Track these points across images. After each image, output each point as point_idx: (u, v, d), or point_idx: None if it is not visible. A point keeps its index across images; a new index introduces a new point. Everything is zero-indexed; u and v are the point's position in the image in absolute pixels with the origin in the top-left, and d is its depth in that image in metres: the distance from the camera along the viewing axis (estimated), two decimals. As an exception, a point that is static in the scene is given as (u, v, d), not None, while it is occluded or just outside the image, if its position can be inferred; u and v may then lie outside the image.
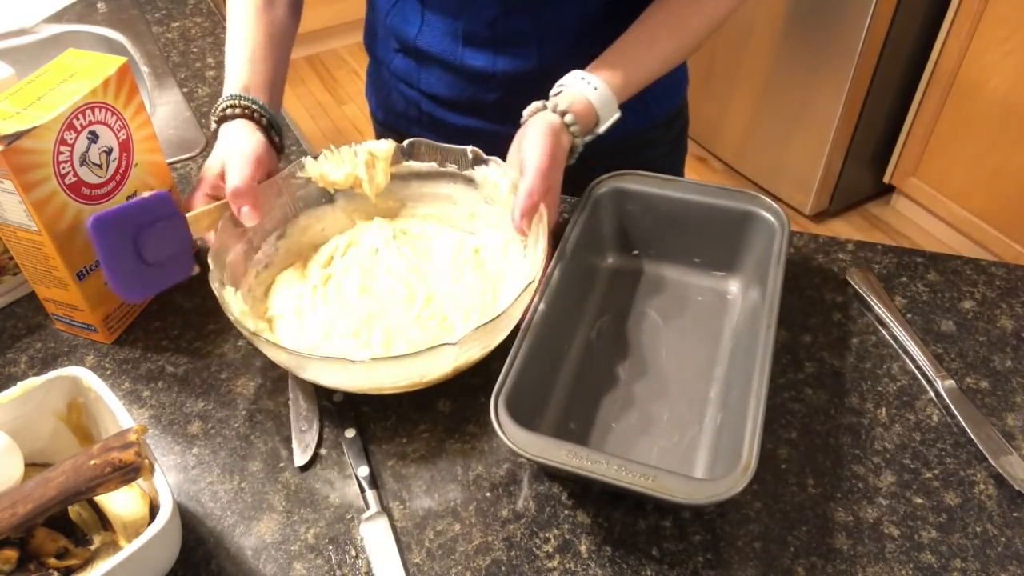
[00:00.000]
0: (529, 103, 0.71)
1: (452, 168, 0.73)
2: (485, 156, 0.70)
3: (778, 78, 2.04)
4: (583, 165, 0.72)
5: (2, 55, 1.05)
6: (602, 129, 0.71)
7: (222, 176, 0.67)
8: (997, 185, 1.85)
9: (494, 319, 0.57)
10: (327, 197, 0.74)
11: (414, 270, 0.69)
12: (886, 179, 2.11)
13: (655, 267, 0.74)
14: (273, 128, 0.72)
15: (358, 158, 0.71)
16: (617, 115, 0.71)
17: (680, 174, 0.99)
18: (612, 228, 0.73)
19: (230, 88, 0.73)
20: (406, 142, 0.72)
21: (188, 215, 0.65)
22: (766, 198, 0.70)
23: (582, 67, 0.71)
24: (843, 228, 2.17)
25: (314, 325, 0.65)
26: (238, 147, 0.68)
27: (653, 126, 0.89)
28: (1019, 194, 1.82)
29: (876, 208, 2.22)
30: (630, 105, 0.73)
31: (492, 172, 0.70)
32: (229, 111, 0.71)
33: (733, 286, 0.72)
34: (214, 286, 0.60)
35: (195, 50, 1.09)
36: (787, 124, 2.07)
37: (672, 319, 0.70)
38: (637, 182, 0.72)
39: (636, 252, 0.74)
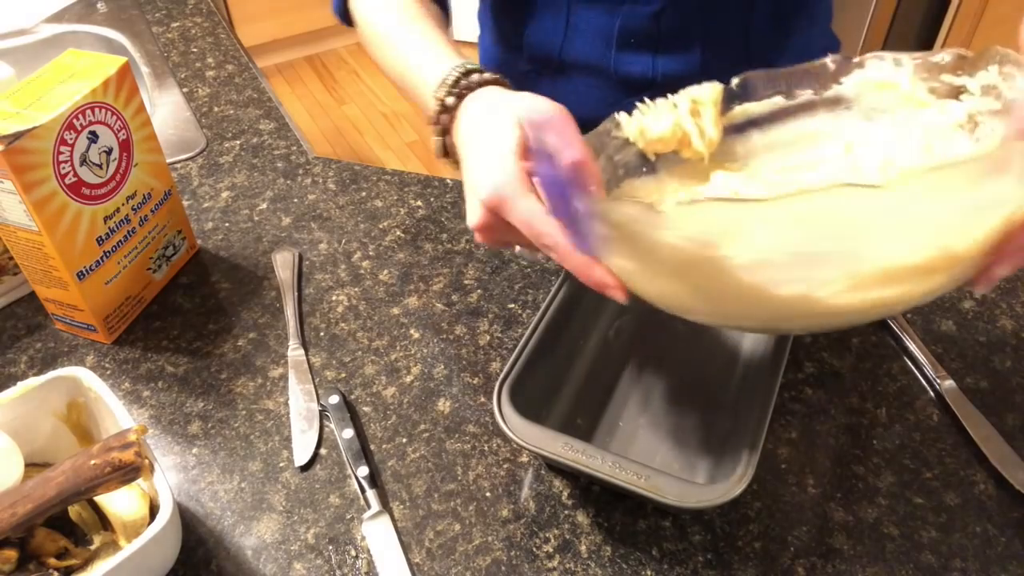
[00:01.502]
0: None
1: (807, 95, 0.57)
2: (856, 60, 0.55)
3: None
4: None
5: (2, 55, 1.05)
6: None
7: (524, 149, 0.51)
8: (997, 185, 1.85)
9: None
10: (648, 165, 0.58)
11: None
12: (886, 179, 2.11)
13: None
14: None
15: (679, 109, 0.56)
16: None
17: None
18: None
19: (447, 63, 0.58)
20: (735, 80, 0.57)
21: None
22: None
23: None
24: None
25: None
26: (535, 106, 0.52)
27: None
28: (1019, 194, 1.81)
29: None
30: None
31: (873, 72, 0.55)
32: (476, 77, 0.56)
33: None
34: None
35: (195, 50, 1.09)
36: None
37: (692, 324, 0.69)
38: None
39: None
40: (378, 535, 0.55)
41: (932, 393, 0.64)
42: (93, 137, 0.62)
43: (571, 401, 0.63)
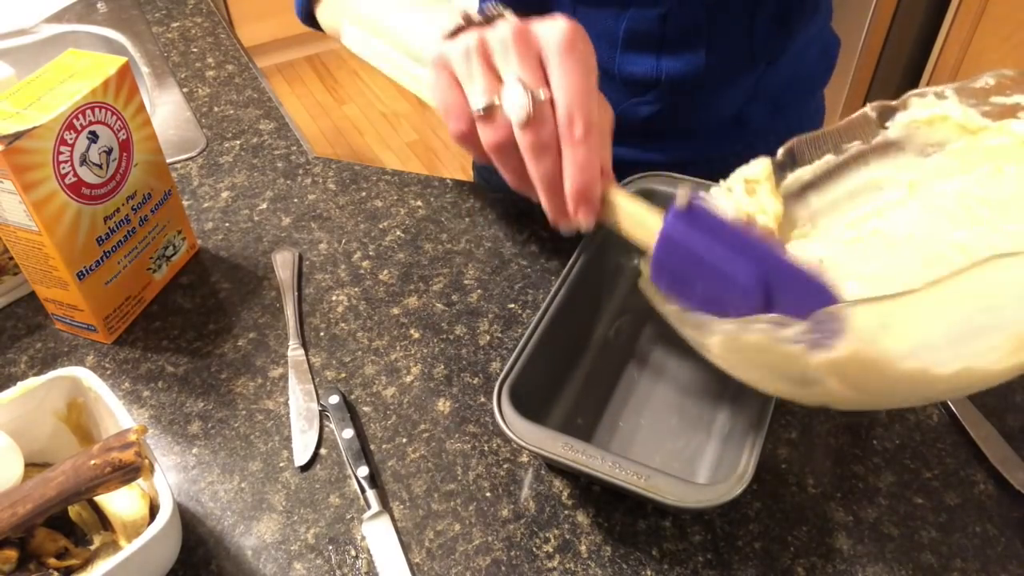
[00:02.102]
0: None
1: (855, 146, 0.56)
2: (896, 103, 0.54)
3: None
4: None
5: (2, 55, 1.05)
6: None
7: None
8: (997, 185, 1.85)
9: None
10: None
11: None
12: (886, 179, 2.11)
13: None
14: None
15: (735, 193, 0.56)
16: None
17: None
18: None
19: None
20: (780, 151, 0.56)
21: None
22: None
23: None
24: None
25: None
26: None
27: None
28: (1019, 194, 1.81)
29: (876, 208, 2.21)
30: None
31: (919, 111, 0.54)
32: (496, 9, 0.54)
33: None
34: None
35: (195, 50, 1.09)
36: (787, 124, 2.07)
37: None
38: (666, 184, 0.70)
39: None
40: (378, 535, 0.56)
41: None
42: (93, 137, 0.62)
43: (571, 401, 0.63)
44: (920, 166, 0.55)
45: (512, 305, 0.72)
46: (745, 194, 0.56)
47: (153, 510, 0.53)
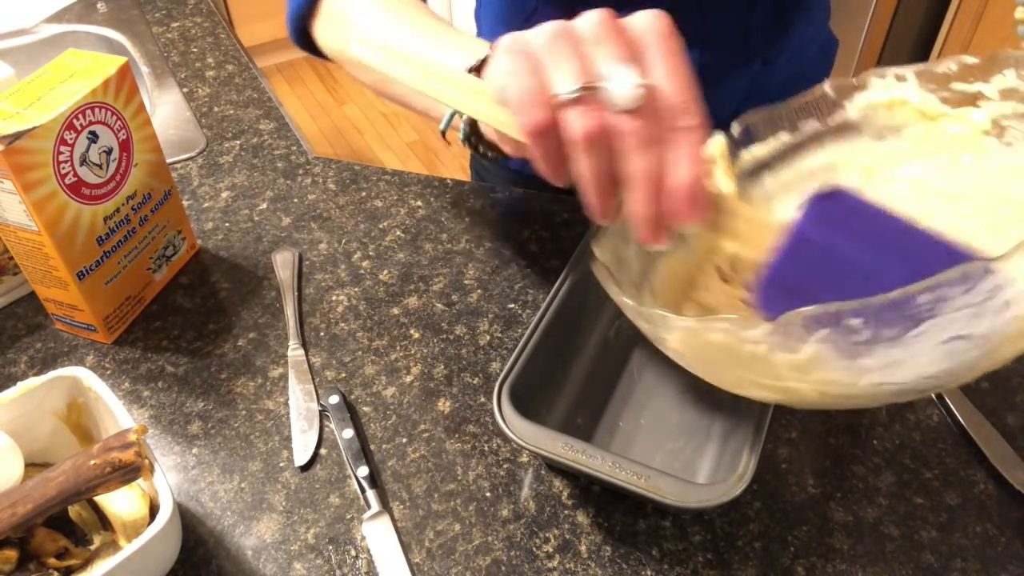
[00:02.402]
0: None
1: (813, 126, 0.55)
2: (856, 81, 0.53)
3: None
4: None
5: (2, 55, 1.05)
6: None
7: None
8: (997, 185, 1.85)
9: None
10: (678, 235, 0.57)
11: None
12: (886, 179, 2.11)
13: None
14: None
15: None
16: None
17: None
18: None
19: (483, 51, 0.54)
20: (735, 127, 0.55)
21: None
22: None
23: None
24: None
25: None
26: None
27: None
28: (1019, 194, 1.82)
29: (876, 208, 2.21)
30: None
31: (878, 93, 0.53)
32: None
33: None
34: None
35: (195, 50, 1.09)
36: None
37: None
38: None
39: None
40: (378, 535, 0.56)
41: (932, 393, 0.64)
42: (93, 137, 0.62)
43: (571, 401, 0.63)
44: (877, 150, 0.54)
45: (512, 305, 0.72)
46: None
47: (153, 510, 0.53)
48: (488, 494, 0.58)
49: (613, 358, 0.67)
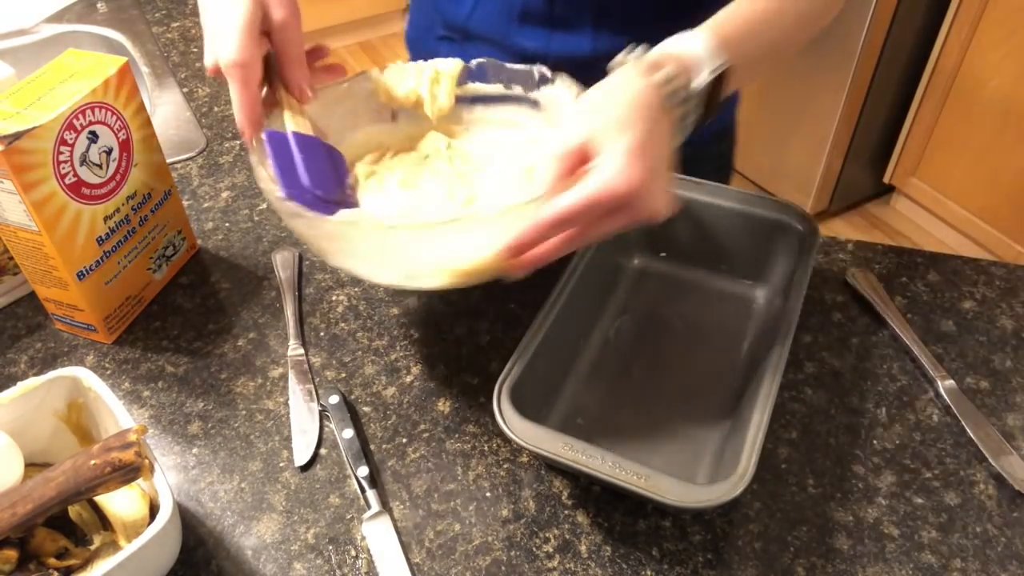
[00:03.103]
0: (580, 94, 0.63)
1: (518, 90, 0.68)
2: (551, 74, 0.65)
3: (778, 78, 2.04)
4: None
5: (2, 55, 1.05)
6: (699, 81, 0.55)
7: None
8: (997, 185, 1.85)
9: (531, 200, 0.52)
10: (391, 114, 0.70)
11: (460, 176, 0.66)
12: (886, 179, 2.11)
13: (681, 270, 0.73)
14: None
15: (424, 75, 0.67)
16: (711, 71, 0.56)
17: None
18: (640, 228, 0.72)
19: None
20: (474, 61, 0.68)
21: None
22: (797, 207, 0.68)
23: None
24: (843, 228, 2.17)
25: (348, 214, 0.59)
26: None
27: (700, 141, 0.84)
28: (1019, 194, 1.81)
29: (876, 208, 2.22)
30: None
31: (556, 92, 0.65)
32: None
33: (759, 295, 0.71)
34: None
35: (195, 50, 1.09)
36: (787, 124, 2.07)
37: (693, 324, 0.69)
38: None
39: (663, 254, 0.74)
40: (378, 535, 0.55)
41: (932, 393, 0.64)
42: (93, 137, 0.62)
43: (571, 401, 0.63)
44: (541, 133, 0.66)
45: (512, 305, 0.72)
46: (430, 81, 0.67)
47: (153, 510, 0.53)
48: (488, 494, 0.58)
49: (613, 358, 0.67)
